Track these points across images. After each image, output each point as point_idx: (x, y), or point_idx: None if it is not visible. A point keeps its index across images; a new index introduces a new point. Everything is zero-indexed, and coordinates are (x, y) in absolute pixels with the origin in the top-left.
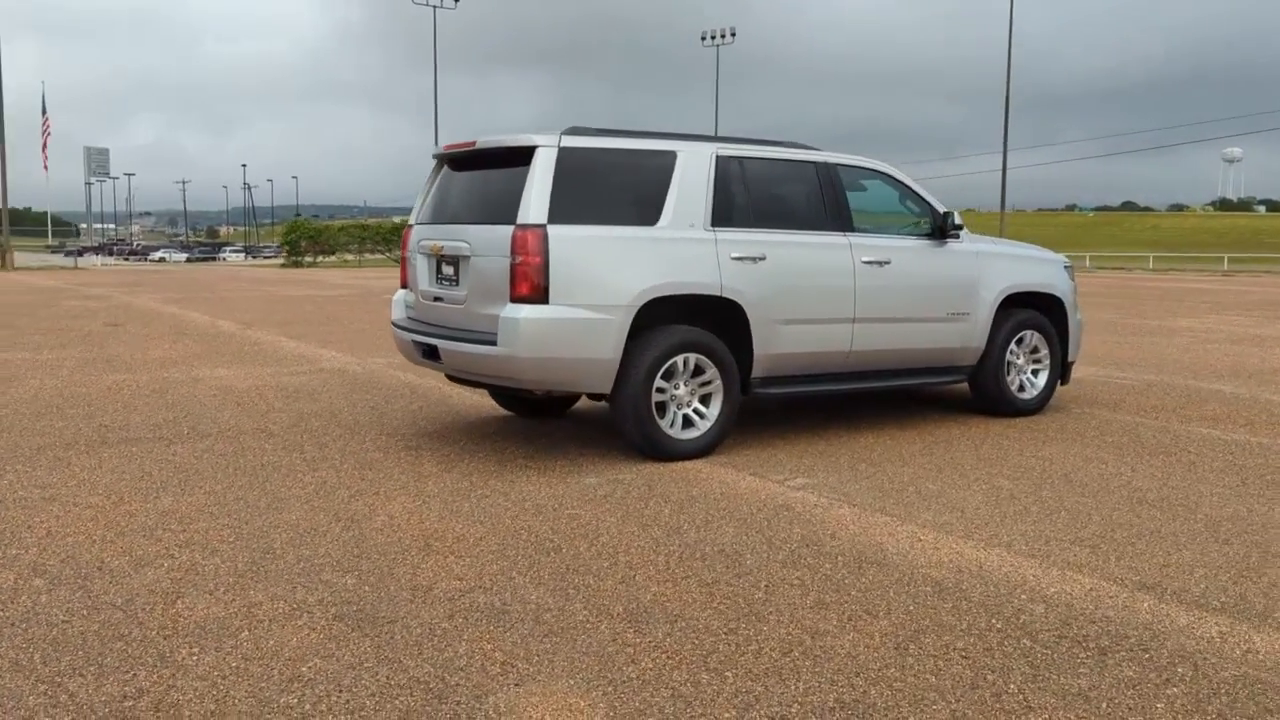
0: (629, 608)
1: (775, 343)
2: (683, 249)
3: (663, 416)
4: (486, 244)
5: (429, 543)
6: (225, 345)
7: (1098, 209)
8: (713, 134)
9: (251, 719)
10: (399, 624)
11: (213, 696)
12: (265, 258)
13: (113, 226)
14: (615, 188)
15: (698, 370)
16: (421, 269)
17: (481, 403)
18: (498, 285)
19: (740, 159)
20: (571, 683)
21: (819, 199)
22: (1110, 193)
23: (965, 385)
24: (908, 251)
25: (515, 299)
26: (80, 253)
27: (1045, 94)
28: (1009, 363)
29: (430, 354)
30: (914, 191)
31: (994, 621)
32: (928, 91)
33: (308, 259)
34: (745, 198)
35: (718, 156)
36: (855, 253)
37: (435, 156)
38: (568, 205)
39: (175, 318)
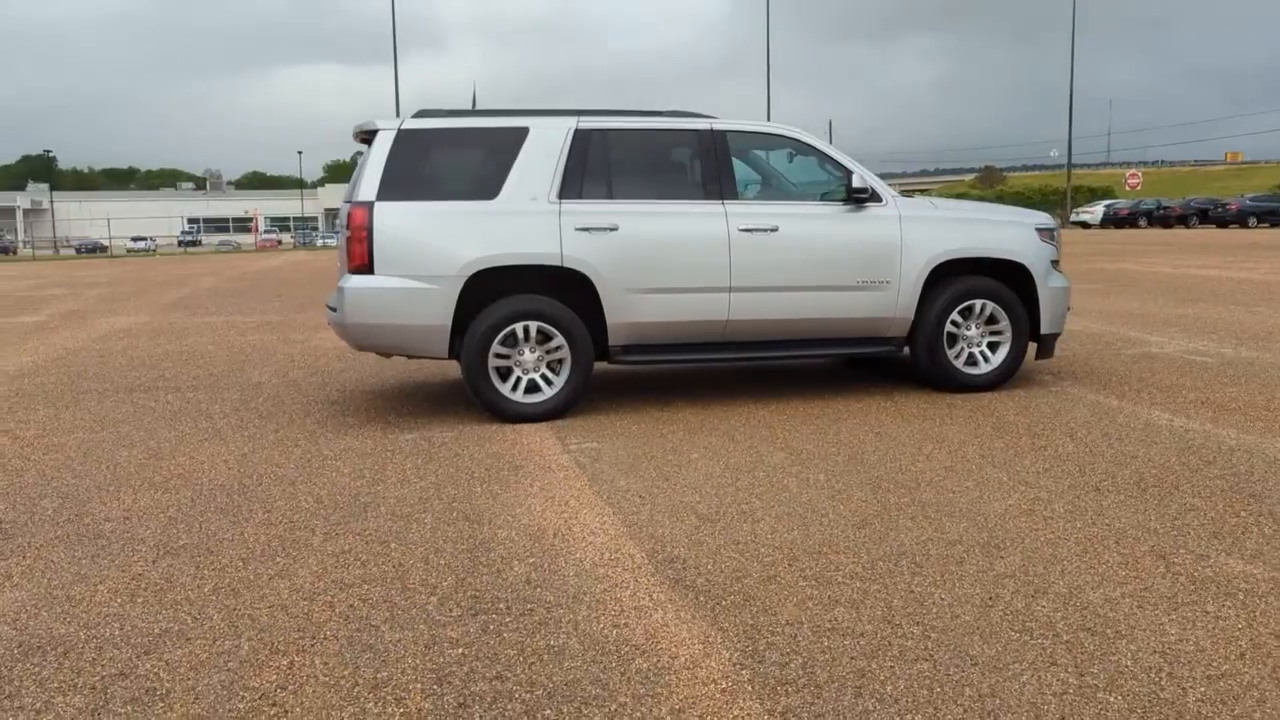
0: (160, 540)
1: (632, 312)
2: (519, 221)
3: (506, 381)
4: (343, 220)
5: (168, 482)
6: None
7: None
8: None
9: None
10: None
11: None
12: None
13: None
14: (456, 165)
15: (546, 338)
16: (340, 244)
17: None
18: (345, 258)
19: (604, 131)
20: None
21: (696, 168)
22: None
23: None
24: (804, 219)
25: (350, 270)
26: None
27: None
28: (951, 334)
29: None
30: (827, 156)
31: (394, 586)
32: None
33: None
34: (603, 169)
35: (576, 130)
36: (731, 221)
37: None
38: (401, 183)
39: None
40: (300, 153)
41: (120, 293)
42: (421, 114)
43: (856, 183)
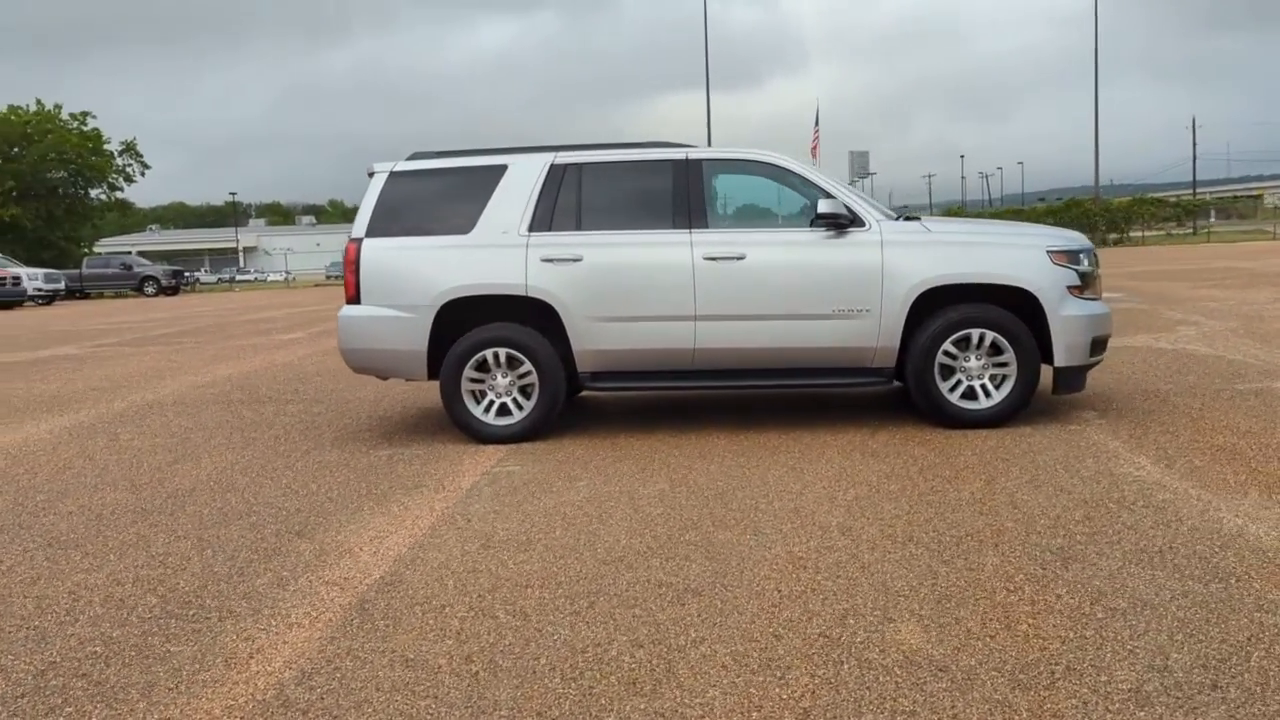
0: (63, 533)
1: (597, 339)
2: (489, 254)
3: (481, 403)
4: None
5: (147, 484)
6: None
7: None
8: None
9: None
10: None
11: None
12: None
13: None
14: (438, 203)
15: (516, 363)
16: None
17: None
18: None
19: (579, 165)
20: None
21: (667, 198)
22: None
23: None
24: (775, 246)
25: (347, 300)
26: None
27: None
28: (947, 366)
29: None
30: (809, 181)
31: (145, 588)
32: None
33: None
34: (574, 202)
35: (551, 165)
36: (696, 249)
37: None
38: (389, 221)
39: None
40: None
41: None
42: (414, 156)
43: (825, 208)
